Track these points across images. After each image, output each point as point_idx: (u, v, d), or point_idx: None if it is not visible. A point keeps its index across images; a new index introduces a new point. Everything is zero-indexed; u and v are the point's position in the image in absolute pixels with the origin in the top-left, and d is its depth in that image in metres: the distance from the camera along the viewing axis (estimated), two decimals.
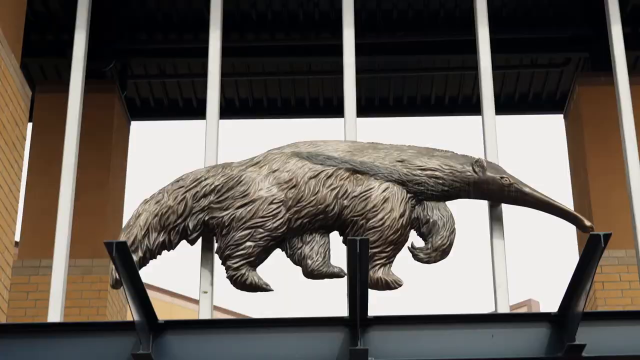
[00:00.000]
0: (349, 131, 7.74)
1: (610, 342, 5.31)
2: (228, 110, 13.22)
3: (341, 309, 5.35)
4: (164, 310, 8.65)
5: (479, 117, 7.86)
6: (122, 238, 7.30)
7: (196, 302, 14.44)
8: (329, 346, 5.20)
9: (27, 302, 10.81)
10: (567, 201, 13.47)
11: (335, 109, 13.33)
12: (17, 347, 5.55)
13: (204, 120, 7.76)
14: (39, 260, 10.90)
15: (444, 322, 5.30)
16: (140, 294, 5.00)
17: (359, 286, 4.91)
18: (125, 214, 12.05)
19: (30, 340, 5.57)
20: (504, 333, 5.28)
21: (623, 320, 5.49)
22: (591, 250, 4.74)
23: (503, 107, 13.39)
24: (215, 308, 8.34)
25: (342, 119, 7.87)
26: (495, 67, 8.40)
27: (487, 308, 16.69)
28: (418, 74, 13.02)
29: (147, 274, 7.12)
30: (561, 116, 13.13)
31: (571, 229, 7.46)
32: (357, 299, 5.02)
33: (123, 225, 7.44)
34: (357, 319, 5.13)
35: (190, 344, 5.26)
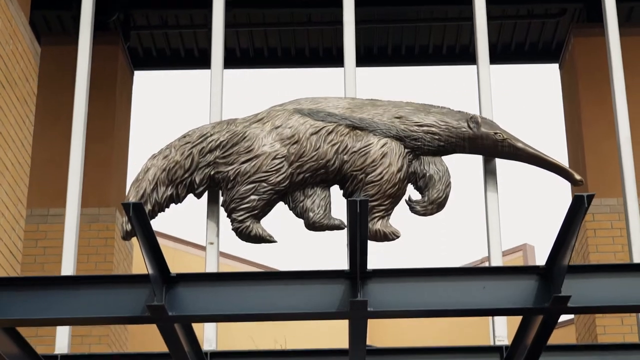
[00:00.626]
0: (349, 82, 8.00)
1: (594, 294, 5.65)
2: (229, 60, 13.46)
3: (341, 262, 5.70)
4: (168, 255, 8.93)
5: (475, 67, 8.11)
6: (132, 192, 7.63)
7: (200, 247, 14.79)
8: (331, 297, 5.53)
9: (36, 250, 11.15)
10: (561, 149, 13.75)
11: (334, 59, 13.59)
12: (32, 299, 5.85)
13: (206, 70, 8.00)
14: (47, 209, 11.23)
15: (439, 274, 5.63)
16: (154, 249, 5.32)
17: (359, 243, 5.23)
18: (130, 163, 12.37)
19: (45, 293, 5.87)
20: (494, 285, 5.61)
21: (607, 273, 5.81)
22: (575, 210, 5.05)
23: (500, 56, 13.66)
24: (222, 254, 8.67)
25: (341, 69, 8.13)
26: (491, 17, 8.64)
27: (481, 255, 17.12)
28: (416, 24, 13.25)
29: (153, 221, 7.44)
30: (557, 66, 13.40)
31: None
32: (357, 254, 5.34)
33: (128, 176, 7.75)
34: (357, 272, 5.46)
35: (200, 295, 5.60)
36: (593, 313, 6.29)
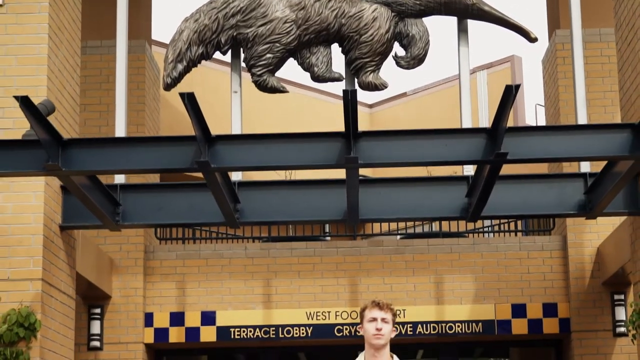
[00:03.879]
0: None
1: (528, 150, 7.51)
2: None
3: (339, 126, 7.52)
4: (196, 73, 10.52)
5: None
6: (170, 51, 9.40)
7: (221, 62, 16.44)
8: (330, 154, 7.39)
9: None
10: None
11: None
12: (92, 156, 7.70)
13: None
14: (85, 42, 12.88)
15: (414, 135, 7.49)
16: (200, 120, 7.17)
17: (351, 114, 7.08)
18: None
19: (103, 151, 7.74)
20: (453, 143, 7.46)
21: (539, 132, 7.66)
22: (506, 96, 6.87)
23: None
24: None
25: None
26: None
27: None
28: None
29: None
30: None
31: None
32: (350, 121, 7.20)
33: (153, 10, 9.31)
34: (350, 134, 7.33)
35: (233, 151, 7.46)
36: (526, 163, 8.18)
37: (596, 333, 12.24)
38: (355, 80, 9.38)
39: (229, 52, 9.46)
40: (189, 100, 6.80)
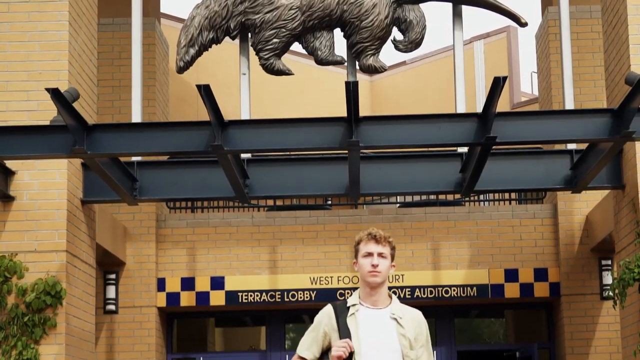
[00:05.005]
0: None
1: (516, 133, 8.14)
2: None
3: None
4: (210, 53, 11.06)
5: None
6: (182, 36, 10.01)
7: None
8: (333, 137, 8.04)
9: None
10: None
11: None
12: (114, 140, 8.34)
13: None
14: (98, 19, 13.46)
15: (410, 119, 8.13)
16: (214, 107, 7.81)
17: (353, 102, 7.72)
18: None
19: (124, 135, 8.38)
20: (447, 127, 8.09)
21: (526, 116, 8.30)
22: (495, 86, 7.50)
23: None
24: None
25: None
26: None
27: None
28: None
29: None
30: None
31: None
32: (352, 108, 7.84)
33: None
34: (352, 119, 7.97)
35: (244, 134, 8.11)
36: (513, 145, 8.81)
37: (584, 296, 12.95)
38: (357, 62, 9.99)
39: (238, 37, 10.05)
40: (205, 91, 7.45)
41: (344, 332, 4.75)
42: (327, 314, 4.83)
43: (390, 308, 4.84)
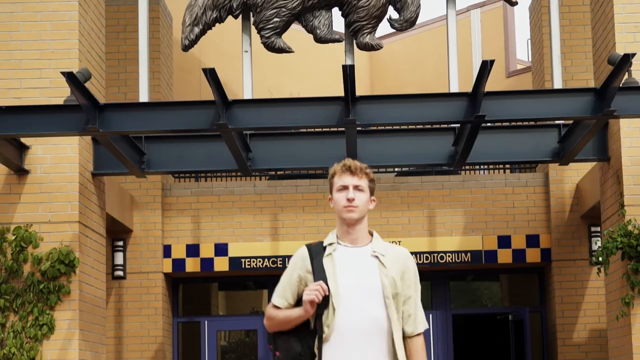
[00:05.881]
0: None
1: (504, 111, 8.61)
2: None
3: (339, 90, 8.60)
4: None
5: None
6: (187, 15, 10.43)
7: None
8: (331, 116, 8.51)
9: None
10: None
11: None
12: (124, 118, 8.81)
13: None
14: None
15: (404, 98, 8.61)
16: (219, 89, 8.27)
17: (350, 84, 8.18)
18: None
19: (133, 114, 8.85)
20: (439, 105, 8.56)
21: (513, 95, 8.76)
22: (483, 69, 7.96)
23: None
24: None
25: None
26: None
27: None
28: None
29: None
30: None
31: None
32: (349, 89, 8.30)
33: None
34: (349, 99, 8.44)
35: (246, 113, 8.58)
36: (501, 122, 9.23)
37: (574, 262, 13.46)
38: (354, 40, 10.42)
39: (240, 16, 10.47)
40: (211, 74, 7.92)
41: (319, 274, 4.35)
42: (300, 256, 4.47)
43: (371, 246, 4.43)
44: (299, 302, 4.43)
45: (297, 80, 17.44)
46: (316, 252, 4.44)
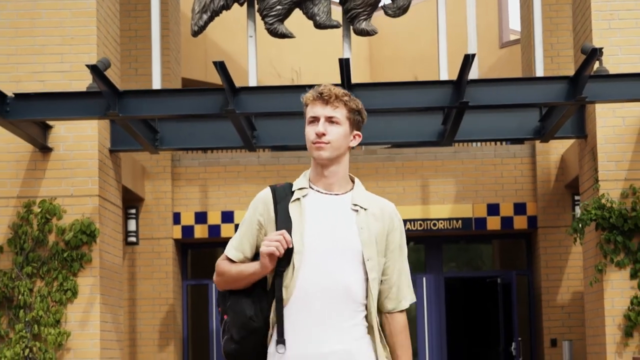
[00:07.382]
0: None
1: (485, 97, 9.46)
2: None
3: (336, 78, 9.42)
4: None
5: None
6: (196, 3, 11.25)
7: None
8: None
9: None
10: None
11: None
12: (141, 103, 9.67)
13: None
14: None
15: (394, 86, 9.47)
16: (228, 79, 9.12)
17: (345, 74, 9.03)
18: None
19: (150, 100, 9.72)
20: (426, 92, 9.43)
21: (495, 83, 9.62)
22: (465, 62, 8.81)
23: None
24: None
25: None
26: None
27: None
28: None
29: None
30: None
31: None
32: (345, 79, 9.15)
33: None
34: (345, 86, 9.29)
35: (254, 99, 9.45)
36: (483, 109, 10.06)
37: (559, 228, 14.34)
38: (351, 27, 11.23)
39: (245, 3, 11.28)
40: (220, 67, 8.77)
41: (283, 222, 3.55)
42: (262, 199, 3.67)
43: (351, 195, 3.64)
44: (257, 257, 3.64)
45: (298, 54, 18.23)
46: (282, 195, 3.64)
